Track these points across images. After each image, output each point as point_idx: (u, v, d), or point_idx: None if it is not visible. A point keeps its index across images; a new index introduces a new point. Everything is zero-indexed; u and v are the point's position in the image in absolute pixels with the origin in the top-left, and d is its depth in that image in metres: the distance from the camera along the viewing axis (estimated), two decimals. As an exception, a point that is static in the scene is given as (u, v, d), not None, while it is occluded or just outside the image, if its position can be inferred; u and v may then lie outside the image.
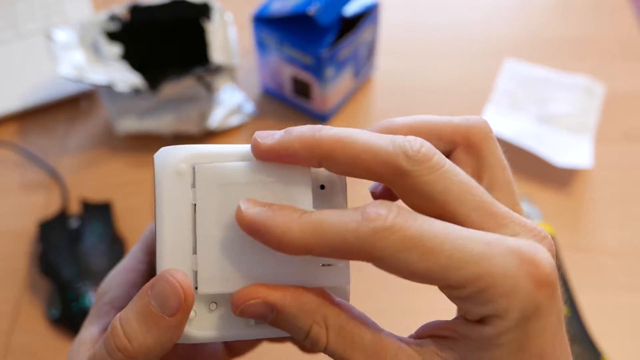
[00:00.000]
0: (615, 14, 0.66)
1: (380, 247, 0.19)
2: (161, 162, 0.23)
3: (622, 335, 0.45)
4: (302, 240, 0.20)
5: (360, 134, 0.21)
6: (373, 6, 0.54)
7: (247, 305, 0.21)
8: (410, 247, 0.19)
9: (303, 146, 0.21)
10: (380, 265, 0.20)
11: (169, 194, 0.22)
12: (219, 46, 0.52)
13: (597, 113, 0.56)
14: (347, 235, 0.19)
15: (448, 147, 0.23)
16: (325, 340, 0.21)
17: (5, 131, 0.58)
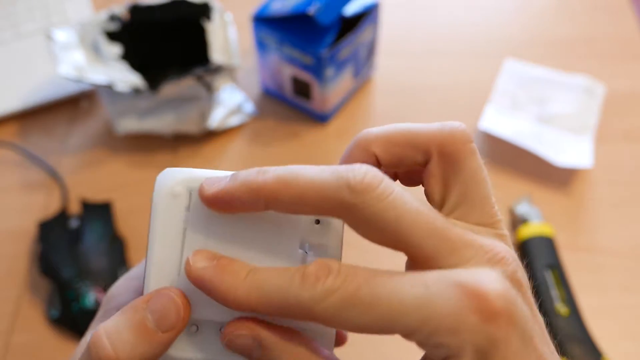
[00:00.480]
0: (615, 14, 0.66)
1: (320, 309, 0.19)
2: (160, 182, 0.23)
3: (622, 335, 0.45)
4: (246, 301, 0.20)
5: (303, 170, 0.20)
6: (373, 6, 0.54)
7: (235, 335, 0.21)
8: (350, 306, 0.19)
9: (248, 191, 0.21)
10: (325, 324, 0.19)
11: (163, 214, 0.23)
12: (219, 46, 0.52)
13: (597, 113, 0.56)
14: (289, 298, 0.19)
15: (424, 157, 0.22)
16: None
17: (5, 131, 0.58)
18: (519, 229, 0.49)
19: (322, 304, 0.19)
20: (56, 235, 0.48)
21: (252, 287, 0.20)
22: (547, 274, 0.46)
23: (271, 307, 0.20)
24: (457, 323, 0.18)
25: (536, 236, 0.48)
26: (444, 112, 0.59)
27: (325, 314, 0.19)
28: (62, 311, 0.46)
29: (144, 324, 0.21)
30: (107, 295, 0.28)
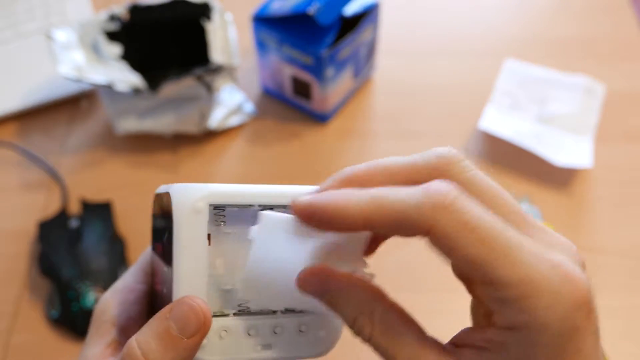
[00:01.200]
0: (615, 14, 0.66)
1: (440, 223, 0.19)
2: (179, 200, 0.24)
3: (622, 335, 0.45)
4: (362, 213, 0.20)
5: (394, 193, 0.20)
6: (373, 6, 0.53)
7: (308, 275, 0.22)
8: (468, 230, 0.19)
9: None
10: (436, 241, 0.20)
11: (187, 230, 0.24)
12: (219, 46, 0.52)
13: (597, 113, 0.55)
14: (408, 209, 0.19)
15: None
16: (369, 333, 0.21)
17: (5, 131, 0.58)
18: (519, 229, 0.49)
19: (444, 218, 0.19)
20: (56, 235, 0.48)
21: (367, 200, 0.20)
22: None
23: (388, 219, 0.20)
24: (555, 301, 0.19)
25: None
26: (444, 112, 0.59)
27: (444, 229, 0.19)
28: (62, 311, 0.46)
29: (169, 332, 0.23)
30: (97, 309, 0.28)
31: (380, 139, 0.57)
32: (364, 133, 0.57)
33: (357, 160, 0.55)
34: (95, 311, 0.28)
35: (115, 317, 0.27)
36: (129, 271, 0.29)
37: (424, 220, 0.19)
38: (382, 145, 0.56)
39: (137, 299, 0.28)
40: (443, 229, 0.19)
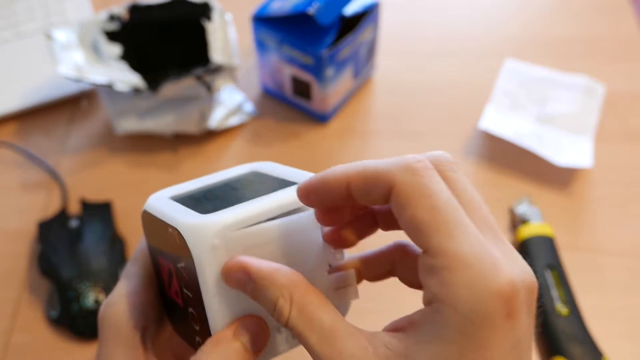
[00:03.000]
0: (615, 14, 0.66)
1: (402, 181, 0.21)
2: (195, 240, 0.24)
3: (622, 335, 0.45)
4: (345, 177, 0.23)
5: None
6: (373, 6, 0.53)
7: (230, 270, 0.23)
8: (423, 195, 0.21)
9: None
10: (394, 199, 0.21)
11: (209, 266, 0.24)
12: (219, 46, 0.52)
13: (597, 113, 0.55)
14: (381, 169, 0.22)
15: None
16: (287, 315, 0.22)
17: (5, 131, 0.58)
18: (519, 229, 0.49)
19: (405, 179, 0.21)
20: (56, 235, 0.48)
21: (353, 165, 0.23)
22: (547, 274, 0.46)
23: (365, 179, 0.22)
24: (476, 284, 0.20)
25: (536, 236, 0.48)
26: (444, 112, 0.59)
27: (403, 187, 0.21)
28: (61, 311, 0.46)
29: (243, 350, 0.24)
30: (108, 315, 0.27)
31: (380, 139, 0.57)
32: (364, 133, 0.57)
33: (357, 160, 0.55)
34: (107, 317, 0.27)
35: (135, 320, 0.27)
36: (129, 272, 0.29)
37: (391, 177, 0.21)
38: (382, 145, 0.56)
39: (151, 302, 0.28)
40: (402, 187, 0.21)
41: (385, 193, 0.22)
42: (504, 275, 0.20)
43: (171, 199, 0.28)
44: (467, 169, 0.55)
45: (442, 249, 0.20)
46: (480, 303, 0.19)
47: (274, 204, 0.25)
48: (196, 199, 0.28)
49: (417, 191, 0.21)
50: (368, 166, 0.22)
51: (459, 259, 0.20)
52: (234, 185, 0.29)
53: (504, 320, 0.20)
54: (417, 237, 0.21)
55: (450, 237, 0.20)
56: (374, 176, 0.22)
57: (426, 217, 0.20)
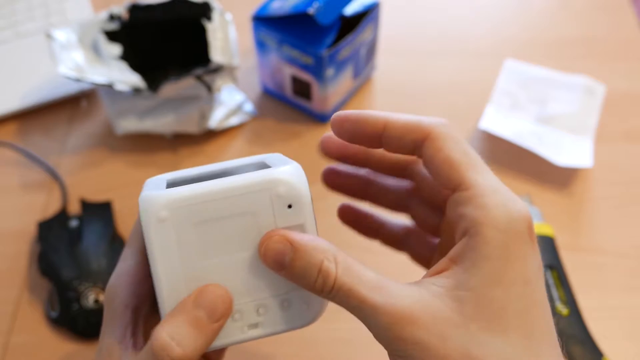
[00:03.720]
0: (615, 14, 0.66)
1: (438, 130, 0.25)
2: (145, 209, 0.25)
3: (622, 336, 0.45)
4: (382, 119, 0.26)
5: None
6: (373, 5, 0.53)
7: (271, 241, 0.25)
8: (457, 143, 0.25)
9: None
10: (429, 144, 0.25)
11: (156, 238, 0.25)
12: (219, 46, 0.52)
13: (597, 113, 0.55)
14: (416, 120, 0.26)
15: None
16: (335, 274, 0.23)
17: (4, 131, 0.58)
18: (519, 229, 0.49)
19: (441, 129, 0.25)
20: (56, 235, 0.48)
21: (388, 113, 0.26)
22: (547, 274, 0.46)
23: (401, 124, 0.26)
24: (506, 206, 0.23)
25: (536, 236, 0.48)
26: (444, 112, 0.59)
27: (439, 134, 0.25)
28: (61, 311, 0.46)
29: (198, 320, 0.25)
30: (106, 297, 0.29)
31: (380, 139, 0.57)
32: (364, 133, 0.57)
33: (357, 160, 0.55)
34: (106, 299, 0.29)
35: (127, 299, 0.28)
36: (125, 254, 0.30)
37: (429, 126, 0.25)
38: (382, 145, 0.56)
39: (143, 279, 0.29)
40: (439, 134, 0.25)
41: (418, 139, 0.25)
42: (521, 204, 0.24)
43: (167, 180, 0.29)
44: (467, 169, 0.54)
45: (476, 181, 0.24)
46: (514, 221, 0.23)
47: (234, 183, 0.26)
48: (184, 181, 0.29)
49: (452, 138, 0.25)
50: (402, 117, 0.26)
51: (490, 187, 0.24)
52: (228, 172, 0.29)
53: (530, 241, 0.24)
54: (452, 173, 0.24)
55: (480, 172, 0.24)
56: (414, 124, 0.25)
57: (461, 158, 0.24)
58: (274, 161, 0.29)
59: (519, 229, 0.23)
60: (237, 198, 0.26)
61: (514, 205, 0.23)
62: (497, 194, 0.23)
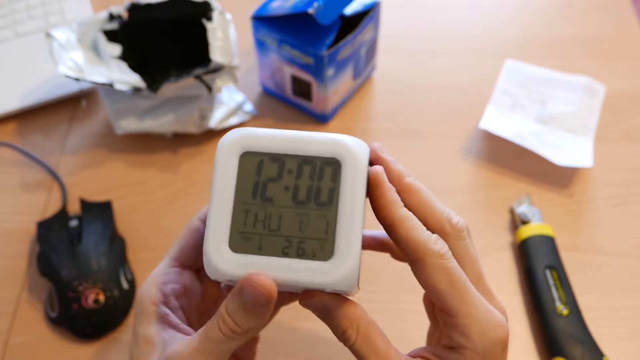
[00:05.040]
0: (616, 14, 0.66)
1: (429, 260, 0.28)
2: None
3: (622, 336, 0.45)
4: (395, 215, 0.29)
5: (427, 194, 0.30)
6: (373, 5, 0.53)
7: (311, 300, 0.28)
8: (445, 273, 0.28)
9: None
10: (420, 269, 0.28)
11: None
12: (219, 46, 0.52)
13: (597, 113, 0.55)
14: (419, 239, 0.28)
15: None
16: (354, 340, 0.28)
17: (4, 131, 0.58)
18: (519, 229, 0.49)
19: (432, 259, 0.28)
20: (55, 235, 0.48)
21: (407, 215, 0.28)
22: (548, 274, 0.46)
23: (404, 234, 0.28)
24: (485, 334, 0.28)
25: (536, 236, 0.48)
26: (444, 112, 0.59)
27: (429, 265, 0.28)
28: (61, 311, 0.46)
29: (247, 305, 0.27)
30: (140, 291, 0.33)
31: (380, 139, 0.57)
32: (364, 133, 0.57)
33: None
34: (138, 296, 0.33)
35: (154, 296, 0.32)
36: (166, 258, 0.34)
37: (423, 251, 0.28)
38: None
39: (169, 280, 0.33)
40: (428, 263, 0.28)
41: (413, 257, 0.28)
42: (501, 325, 0.28)
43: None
44: (467, 169, 0.55)
45: (460, 311, 0.28)
46: (491, 346, 0.28)
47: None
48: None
49: (441, 269, 0.28)
50: (411, 226, 0.28)
51: (472, 317, 0.28)
52: None
53: (502, 352, 0.29)
54: (438, 300, 0.28)
55: (464, 302, 0.28)
56: (411, 240, 0.28)
57: (446, 289, 0.28)
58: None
59: (496, 352, 0.28)
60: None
61: (491, 333, 0.28)
62: (479, 324, 0.28)
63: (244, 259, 0.27)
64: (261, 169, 0.27)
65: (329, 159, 0.27)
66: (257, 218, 0.27)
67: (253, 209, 0.27)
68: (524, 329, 0.46)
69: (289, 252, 0.27)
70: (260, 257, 0.27)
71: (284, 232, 0.27)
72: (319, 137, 0.27)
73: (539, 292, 0.45)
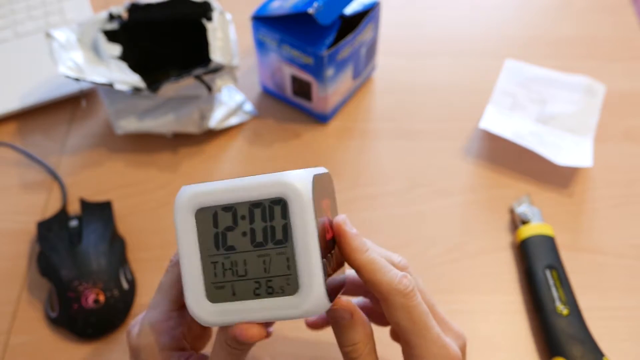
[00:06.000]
0: (616, 14, 0.66)
1: (393, 299, 0.31)
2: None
3: (622, 336, 0.45)
4: (362, 259, 0.31)
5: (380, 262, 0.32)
6: (373, 5, 0.53)
7: (339, 307, 0.30)
8: (407, 312, 0.31)
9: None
10: (385, 307, 0.31)
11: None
12: (219, 46, 0.52)
13: (597, 113, 0.55)
14: (385, 280, 0.31)
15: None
16: (359, 354, 0.31)
17: (4, 131, 0.58)
18: (519, 229, 0.49)
19: (396, 298, 0.31)
20: (55, 235, 0.48)
21: (373, 256, 0.31)
22: (548, 274, 0.46)
23: (371, 275, 0.31)
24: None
25: (536, 236, 0.48)
26: (444, 112, 0.59)
27: (393, 304, 0.31)
28: (61, 311, 0.46)
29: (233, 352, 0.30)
30: (143, 340, 0.34)
31: (380, 139, 0.57)
32: (364, 133, 0.57)
33: (357, 160, 0.55)
34: (141, 342, 0.33)
35: (168, 344, 0.33)
36: (156, 298, 0.34)
37: (386, 292, 0.31)
38: (382, 145, 0.56)
39: (177, 324, 0.34)
40: (392, 303, 0.31)
41: (379, 295, 0.31)
42: (455, 356, 0.32)
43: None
44: (467, 169, 0.55)
45: (418, 344, 0.31)
46: None
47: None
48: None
49: (403, 310, 0.31)
50: (379, 268, 0.31)
51: (428, 352, 0.31)
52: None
53: None
54: (401, 334, 0.31)
55: (423, 338, 0.31)
56: (377, 281, 0.31)
57: (407, 325, 0.31)
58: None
59: None
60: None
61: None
62: (435, 357, 0.31)
63: (222, 307, 0.29)
64: (217, 220, 0.29)
65: (275, 199, 0.28)
66: (224, 267, 0.29)
67: (219, 259, 0.29)
68: (524, 329, 0.46)
69: (260, 292, 0.28)
70: (235, 302, 0.29)
71: (251, 275, 0.28)
72: (262, 180, 0.28)
73: (538, 292, 0.45)
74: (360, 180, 0.54)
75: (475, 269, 0.49)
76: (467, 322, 0.46)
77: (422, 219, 0.51)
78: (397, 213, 0.52)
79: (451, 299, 0.47)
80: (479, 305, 0.47)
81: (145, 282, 0.48)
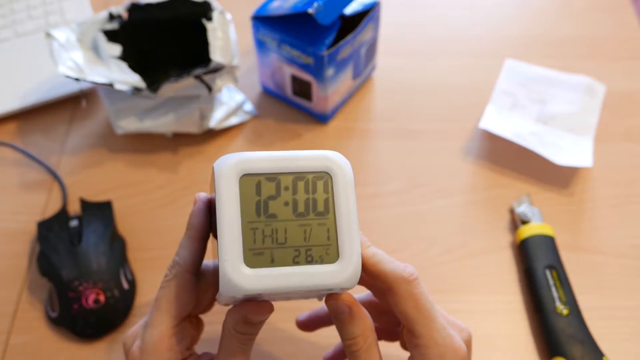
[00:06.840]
0: (616, 14, 0.66)
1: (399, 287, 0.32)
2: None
3: (622, 336, 0.45)
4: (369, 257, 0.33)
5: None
6: (373, 5, 0.53)
7: (338, 301, 0.31)
8: (412, 300, 0.32)
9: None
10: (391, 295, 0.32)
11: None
12: (219, 46, 0.52)
13: (597, 113, 0.55)
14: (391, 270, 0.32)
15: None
16: (359, 347, 0.31)
17: (4, 131, 0.58)
18: (519, 229, 0.49)
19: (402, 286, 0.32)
20: (56, 235, 0.48)
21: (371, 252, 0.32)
22: (548, 274, 0.46)
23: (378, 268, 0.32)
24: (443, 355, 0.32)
25: (536, 236, 0.48)
26: (444, 112, 0.59)
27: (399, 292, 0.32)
28: (61, 311, 0.46)
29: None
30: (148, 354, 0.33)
31: (380, 139, 0.57)
32: (364, 133, 0.57)
33: (357, 160, 0.55)
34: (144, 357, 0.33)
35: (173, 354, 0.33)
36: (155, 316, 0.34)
37: (392, 280, 0.32)
38: (382, 145, 0.56)
39: (180, 338, 0.34)
40: (398, 291, 0.32)
41: (385, 289, 0.32)
42: (457, 350, 0.32)
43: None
44: (467, 169, 0.55)
45: (423, 334, 0.32)
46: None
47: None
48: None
49: (409, 296, 0.32)
50: (386, 260, 0.32)
51: (433, 341, 0.32)
52: None
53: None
54: (406, 323, 0.32)
55: (428, 327, 0.32)
56: (384, 271, 0.32)
57: (412, 314, 0.32)
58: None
59: None
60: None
61: (448, 355, 0.32)
62: (439, 346, 0.32)
63: (261, 272, 0.29)
64: (260, 188, 0.29)
65: (319, 173, 0.30)
66: (264, 234, 0.29)
67: (260, 226, 0.29)
68: (524, 329, 0.46)
69: (299, 260, 0.29)
70: (274, 268, 0.29)
71: (291, 243, 0.29)
72: (308, 155, 0.30)
73: (538, 292, 0.45)
74: (360, 180, 0.54)
75: (475, 269, 0.49)
76: (467, 322, 0.46)
77: (422, 219, 0.51)
78: (397, 213, 0.52)
79: (451, 299, 0.47)
80: (479, 305, 0.47)
81: (146, 282, 0.48)
